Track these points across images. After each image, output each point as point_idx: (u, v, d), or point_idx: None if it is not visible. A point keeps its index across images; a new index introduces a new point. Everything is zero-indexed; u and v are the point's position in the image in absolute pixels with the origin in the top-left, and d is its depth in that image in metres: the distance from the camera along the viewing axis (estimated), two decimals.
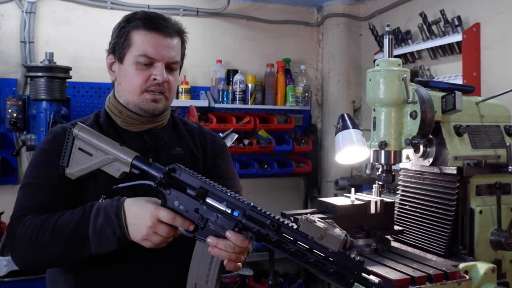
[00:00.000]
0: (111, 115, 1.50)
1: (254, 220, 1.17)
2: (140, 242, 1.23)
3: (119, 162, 1.29)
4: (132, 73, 1.42)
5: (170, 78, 1.45)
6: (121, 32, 1.45)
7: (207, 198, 1.21)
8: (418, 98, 1.67)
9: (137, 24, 1.42)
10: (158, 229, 1.21)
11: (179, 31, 1.50)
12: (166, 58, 1.43)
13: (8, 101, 3.22)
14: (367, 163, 1.81)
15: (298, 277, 4.01)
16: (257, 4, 4.05)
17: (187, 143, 1.56)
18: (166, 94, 1.45)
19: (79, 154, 1.32)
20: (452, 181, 1.79)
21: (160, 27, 1.43)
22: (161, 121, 1.52)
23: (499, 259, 1.78)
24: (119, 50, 1.45)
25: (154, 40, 1.41)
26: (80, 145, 1.32)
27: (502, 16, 2.84)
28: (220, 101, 3.70)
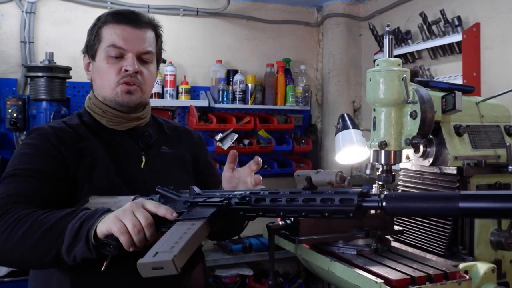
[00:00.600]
0: (94, 115, 1.47)
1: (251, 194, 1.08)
2: (108, 224, 1.07)
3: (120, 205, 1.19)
4: (104, 67, 1.42)
5: (143, 70, 1.43)
6: (92, 30, 1.45)
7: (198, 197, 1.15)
8: (418, 98, 1.67)
9: (106, 19, 1.43)
10: (137, 210, 1.08)
11: (152, 23, 1.48)
12: (137, 48, 1.41)
13: (8, 101, 3.22)
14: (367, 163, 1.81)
15: (298, 277, 4.00)
16: (257, 4, 4.05)
17: (173, 141, 1.57)
18: (141, 86, 1.43)
19: None
20: (452, 181, 1.78)
21: (129, 19, 1.42)
22: (144, 118, 1.51)
23: (499, 259, 1.78)
24: (91, 48, 1.45)
25: (123, 31, 1.41)
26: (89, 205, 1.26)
27: (502, 16, 2.84)
28: (220, 101, 3.70)
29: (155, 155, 1.48)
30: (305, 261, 1.96)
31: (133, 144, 1.46)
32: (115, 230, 1.06)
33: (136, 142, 1.47)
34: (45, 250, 1.14)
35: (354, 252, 1.74)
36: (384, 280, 1.49)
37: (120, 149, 1.45)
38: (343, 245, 1.77)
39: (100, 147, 1.41)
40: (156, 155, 1.49)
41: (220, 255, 3.54)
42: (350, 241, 1.78)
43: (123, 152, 1.44)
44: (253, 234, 3.77)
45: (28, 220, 1.16)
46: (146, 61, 1.44)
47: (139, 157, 1.46)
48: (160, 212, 1.10)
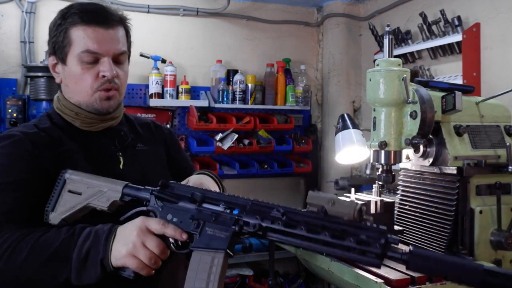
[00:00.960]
0: (65, 117, 1.39)
1: (256, 211, 1.06)
2: (125, 261, 1.08)
3: (109, 193, 1.21)
4: (78, 73, 1.32)
5: (120, 72, 1.36)
6: (58, 30, 1.33)
7: (204, 204, 1.12)
8: (418, 98, 1.67)
9: (74, 19, 1.31)
10: (146, 239, 1.08)
11: (121, 19, 1.39)
12: (112, 51, 1.33)
13: (8, 101, 3.22)
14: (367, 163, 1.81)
15: (298, 277, 4.00)
16: (257, 4, 4.05)
17: (146, 138, 1.52)
18: (119, 90, 1.37)
19: (67, 196, 1.23)
20: (452, 181, 1.78)
21: (99, 19, 1.32)
22: (118, 116, 1.45)
23: (499, 259, 1.78)
24: (60, 50, 1.34)
25: (95, 34, 1.30)
26: (70, 187, 1.24)
27: (502, 16, 2.84)
28: (220, 101, 3.70)
29: (133, 154, 1.44)
30: (305, 261, 1.96)
31: (109, 145, 1.41)
32: (133, 267, 1.08)
33: (112, 143, 1.41)
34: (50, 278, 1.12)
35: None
36: (384, 280, 1.49)
37: (97, 151, 1.39)
38: None
39: (78, 150, 1.35)
40: (133, 154, 1.44)
41: None
42: None
43: (100, 154, 1.39)
44: None
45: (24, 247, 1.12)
46: (121, 61, 1.38)
47: (117, 158, 1.41)
48: (168, 233, 1.10)
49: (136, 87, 3.66)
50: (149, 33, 3.66)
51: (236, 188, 3.95)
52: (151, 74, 3.55)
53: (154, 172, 1.45)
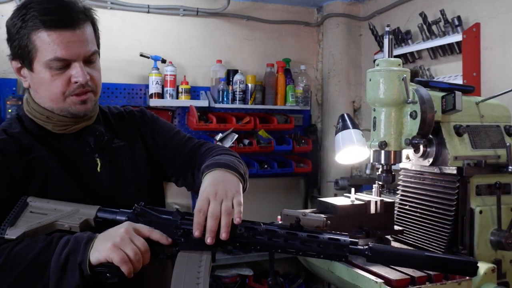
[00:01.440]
0: (37, 121, 1.30)
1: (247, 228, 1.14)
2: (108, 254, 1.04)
3: (80, 215, 1.17)
4: (48, 79, 1.23)
5: (93, 73, 1.27)
6: (20, 34, 1.22)
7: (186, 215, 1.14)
8: (418, 98, 1.67)
9: (35, 24, 1.19)
10: (133, 236, 1.07)
11: (85, 13, 1.27)
12: (82, 54, 1.23)
13: (8, 101, 3.22)
14: (367, 163, 1.81)
15: (298, 277, 4.01)
16: (257, 4, 4.05)
17: (122, 131, 1.44)
18: (93, 90, 1.29)
19: (30, 216, 1.16)
20: (452, 181, 1.79)
21: (64, 20, 1.20)
22: (93, 115, 1.37)
23: (499, 259, 1.78)
24: (24, 56, 1.24)
25: (62, 39, 1.19)
26: (33, 209, 1.17)
27: (502, 16, 2.84)
28: (220, 101, 3.70)
29: (110, 155, 1.36)
30: (305, 261, 1.96)
31: (84, 147, 1.33)
32: (117, 259, 1.05)
33: (87, 145, 1.33)
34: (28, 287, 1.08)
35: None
36: (384, 280, 1.50)
37: (71, 155, 1.31)
38: None
39: (50, 157, 1.27)
40: (110, 154, 1.37)
41: (220, 255, 3.54)
42: None
43: (75, 158, 1.31)
44: None
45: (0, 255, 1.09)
46: (92, 62, 1.28)
47: (93, 160, 1.33)
48: (154, 237, 1.11)
49: (136, 87, 3.66)
50: (149, 33, 3.66)
51: None
52: (151, 74, 3.55)
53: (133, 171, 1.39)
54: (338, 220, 1.79)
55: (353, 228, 1.78)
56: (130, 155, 1.42)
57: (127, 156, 1.41)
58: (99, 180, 1.32)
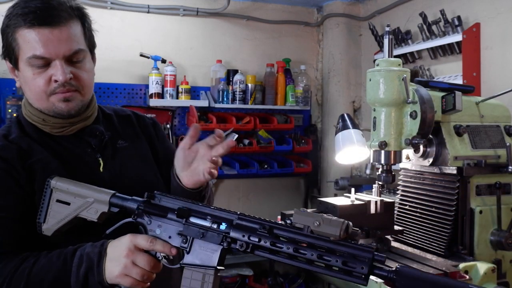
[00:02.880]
0: (35, 124, 1.30)
1: (243, 227, 1.08)
2: (119, 280, 1.10)
3: (97, 204, 1.19)
4: (30, 78, 1.23)
5: (77, 72, 1.24)
6: (6, 32, 1.23)
7: (190, 217, 1.12)
8: (418, 98, 1.67)
9: (17, 21, 1.19)
10: (136, 258, 1.09)
11: (75, 13, 1.26)
12: (62, 52, 1.20)
13: (8, 101, 3.22)
14: (367, 163, 1.81)
15: (298, 277, 4.01)
16: (257, 4, 4.05)
17: (128, 132, 1.43)
18: (79, 90, 1.26)
19: (56, 207, 1.21)
20: (452, 181, 1.79)
21: (44, 18, 1.19)
22: (91, 116, 1.35)
23: (499, 259, 1.78)
24: (10, 54, 1.25)
25: (40, 37, 1.18)
26: (58, 196, 1.21)
27: (502, 16, 2.84)
28: (220, 101, 3.70)
29: (113, 154, 1.36)
30: None
31: (85, 148, 1.32)
32: (128, 285, 1.10)
33: (88, 145, 1.33)
34: None
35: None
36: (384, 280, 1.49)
37: (73, 156, 1.31)
38: None
39: (50, 159, 1.27)
40: (113, 154, 1.36)
41: None
42: None
43: (76, 159, 1.31)
44: None
45: (19, 280, 1.11)
46: (77, 61, 1.25)
47: (96, 160, 1.33)
48: (156, 249, 1.11)
49: (136, 87, 3.66)
50: (149, 33, 3.66)
51: (236, 188, 3.95)
52: (151, 74, 3.55)
53: (136, 171, 1.39)
54: None
55: None
56: (135, 155, 1.41)
57: (132, 156, 1.40)
58: (102, 180, 1.31)
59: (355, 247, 0.97)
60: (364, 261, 0.96)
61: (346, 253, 0.97)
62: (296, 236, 1.02)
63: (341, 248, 0.98)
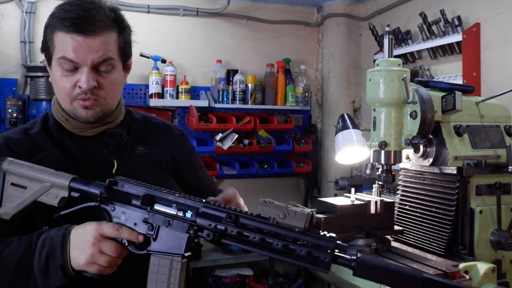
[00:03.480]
0: (59, 121, 1.35)
1: (210, 216, 1.08)
2: (85, 268, 1.10)
3: (56, 188, 1.16)
4: (58, 78, 1.28)
5: (103, 81, 1.28)
6: (46, 31, 1.29)
7: (155, 204, 1.11)
8: (418, 98, 1.67)
9: (56, 24, 1.25)
10: (103, 246, 1.09)
11: (108, 24, 1.29)
12: (90, 60, 1.24)
13: (8, 101, 3.22)
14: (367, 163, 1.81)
15: (298, 277, 4.01)
16: (257, 4, 4.05)
17: (151, 139, 1.45)
18: (100, 100, 1.29)
19: (12, 190, 1.18)
20: (452, 181, 1.78)
21: (80, 26, 1.23)
22: (113, 121, 1.38)
23: (499, 259, 1.78)
24: (46, 51, 1.31)
25: (73, 42, 1.23)
26: (12, 179, 1.18)
27: (502, 16, 2.84)
28: (220, 101, 3.70)
29: (128, 158, 1.37)
30: None
31: (102, 148, 1.35)
32: (95, 271, 1.11)
33: (106, 146, 1.35)
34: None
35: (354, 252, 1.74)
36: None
37: (87, 156, 1.33)
38: None
39: (60, 156, 1.30)
40: (129, 158, 1.37)
41: (220, 255, 3.54)
42: (350, 241, 1.78)
43: (90, 159, 1.33)
44: None
45: None
46: (105, 71, 1.29)
47: (110, 162, 1.34)
48: (123, 236, 1.10)
49: (136, 87, 3.66)
50: (149, 33, 3.66)
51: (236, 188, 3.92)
52: (151, 74, 3.55)
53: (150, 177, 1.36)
54: (338, 220, 1.79)
55: (353, 228, 1.78)
56: (151, 164, 1.41)
57: (148, 163, 1.40)
58: None
59: (318, 237, 1.02)
60: (327, 250, 1.01)
61: (311, 243, 1.02)
62: (262, 226, 1.06)
63: (305, 238, 1.02)
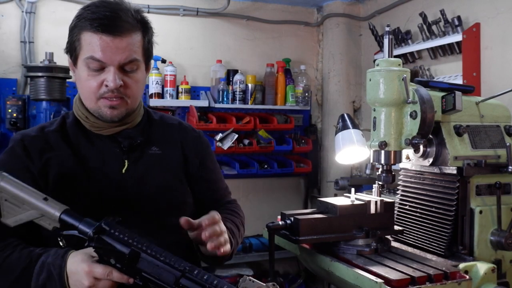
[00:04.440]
0: (79, 119, 1.39)
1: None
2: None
3: (47, 218, 1.14)
4: (84, 78, 1.31)
5: (128, 81, 1.32)
6: (73, 31, 1.33)
7: (139, 264, 1.08)
8: (418, 98, 1.67)
9: (84, 24, 1.29)
10: (98, 285, 1.10)
11: (135, 26, 1.33)
12: (117, 60, 1.28)
13: (8, 101, 3.22)
14: (367, 163, 1.81)
15: (298, 277, 4.01)
16: (257, 4, 4.05)
17: (164, 141, 1.47)
18: (125, 99, 1.33)
19: (7, 205, 1.17)
20: (452, 181, 1.78)
21: (108, 27, 1.27)
22: (130, 122, 1.41)
23: (499, 259, 1.78)
24: (71, 51, 1.35)
25: (101, 42, 1.27)
26: (5, 197, 1.16)
27: (502, 16, 2.84)
28: (220, 101, 3.70)
29: (140, 159, 1.40)
30: (305, 261, 1.96)
31: (115, 148, 1.38)
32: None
33: (119, 145, 1.38)
34: None
35: (354, 252, 1.74)
36: (384, 280, 1.49)
37: (99, 155, 1.37)
38: (343, 245, 1.77)
39: (69, 156, 1.33)
40: (140, 159, 1.40)
41: None
42: (350, 241, 1.78)
43: (101, 158, 1.36)
44: (253, 234, 3.77)
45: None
46: (130, 71, 1.33)
47: (121, 162, 1.37)
48: (114, 279, 1.09)
49: None
50: None
51: (236, 188, 3.95)
52: (151, 74, 3.55)
53: (159, 178, 1.40)
54: (338, 220, 1.79)
55: (353, 228, 1.78)
56: (163, 164, 1.43)
57: (160, 164, 1.42)
58: (124, 182, 1.35)
59: None
60: None
61: None
62: None
63: None
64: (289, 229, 1.79)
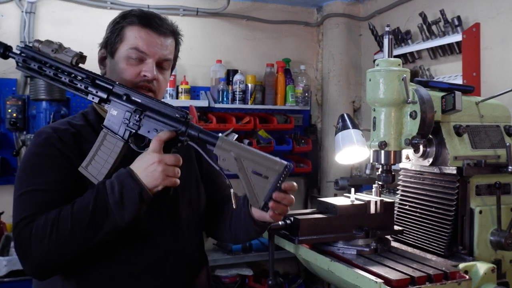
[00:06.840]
0: (101, 113, 1.47)
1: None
2: (164, 183, 1.24)
3: None
4: (122, 67, 1.42)
5: (160, 77, 1.45)
6: (115, 27, 1.45)
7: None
8: (418, 98, 1.67)
9: (132, 20, 1.43)
10: (166, 160, 1.24)
11: (174, 31, 1.52)
12: (158, 55, 1.43)
13: (8, 101, 3.22)
14: (367, 163, 1.81)
15: (298, 277, 4.01)
16: (257, 4, 4.05)
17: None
18: (156, 92, 1.45)
19: None
20: (452, 181, 1.78)
21: (154, 25, 1.44)
22: None
23: (499, 259, 1.78)
24: (111, 44, 1.45)
25: (147, 36, 1.42)
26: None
27: (502, 16, 2.84)
28: (220, 101, 3.70)
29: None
30: (305, 261, 1.96)
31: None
32: (172, 184, 1.26)
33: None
34: (103, 234, 1.24)
35: (354, 252, 1.74)
36: (384, 280, 1.49)
37: None
38: (343, 245, 1.77)
39: None
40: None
41: (220, 255, 3.54)
42: (350, 241, 1.78)
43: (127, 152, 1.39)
44: None
45: (64, 220, 1.22)
46: (164, 68, 1.47)
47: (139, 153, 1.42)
48: (167, 137, 1.29)
49: None
50: None
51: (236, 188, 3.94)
52: None
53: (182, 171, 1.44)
54: (338, 220, 1.79)
55: (353, 228, 1.78)
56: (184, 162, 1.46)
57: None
58: None
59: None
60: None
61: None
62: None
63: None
64: (289, 229, 1.79)
